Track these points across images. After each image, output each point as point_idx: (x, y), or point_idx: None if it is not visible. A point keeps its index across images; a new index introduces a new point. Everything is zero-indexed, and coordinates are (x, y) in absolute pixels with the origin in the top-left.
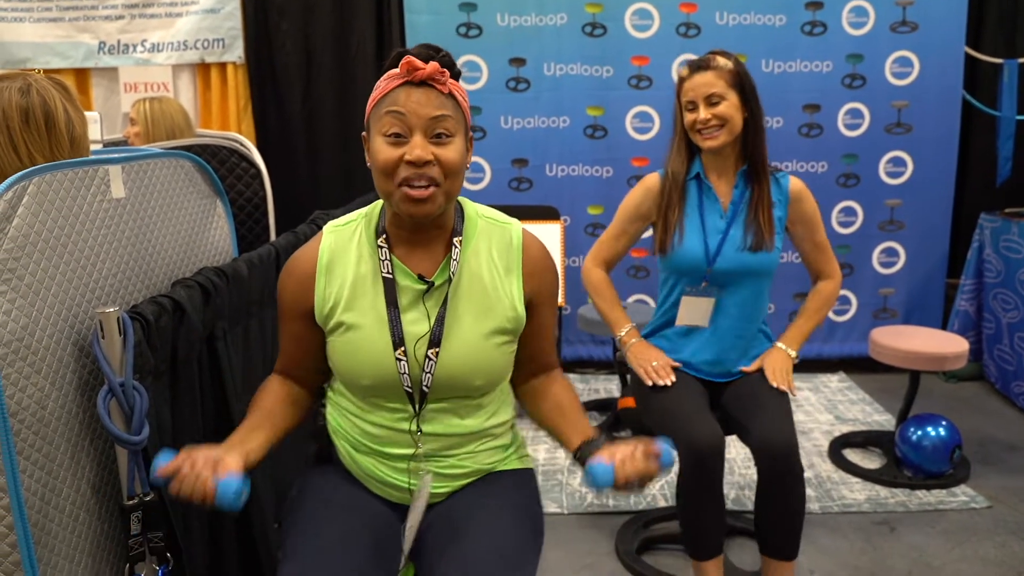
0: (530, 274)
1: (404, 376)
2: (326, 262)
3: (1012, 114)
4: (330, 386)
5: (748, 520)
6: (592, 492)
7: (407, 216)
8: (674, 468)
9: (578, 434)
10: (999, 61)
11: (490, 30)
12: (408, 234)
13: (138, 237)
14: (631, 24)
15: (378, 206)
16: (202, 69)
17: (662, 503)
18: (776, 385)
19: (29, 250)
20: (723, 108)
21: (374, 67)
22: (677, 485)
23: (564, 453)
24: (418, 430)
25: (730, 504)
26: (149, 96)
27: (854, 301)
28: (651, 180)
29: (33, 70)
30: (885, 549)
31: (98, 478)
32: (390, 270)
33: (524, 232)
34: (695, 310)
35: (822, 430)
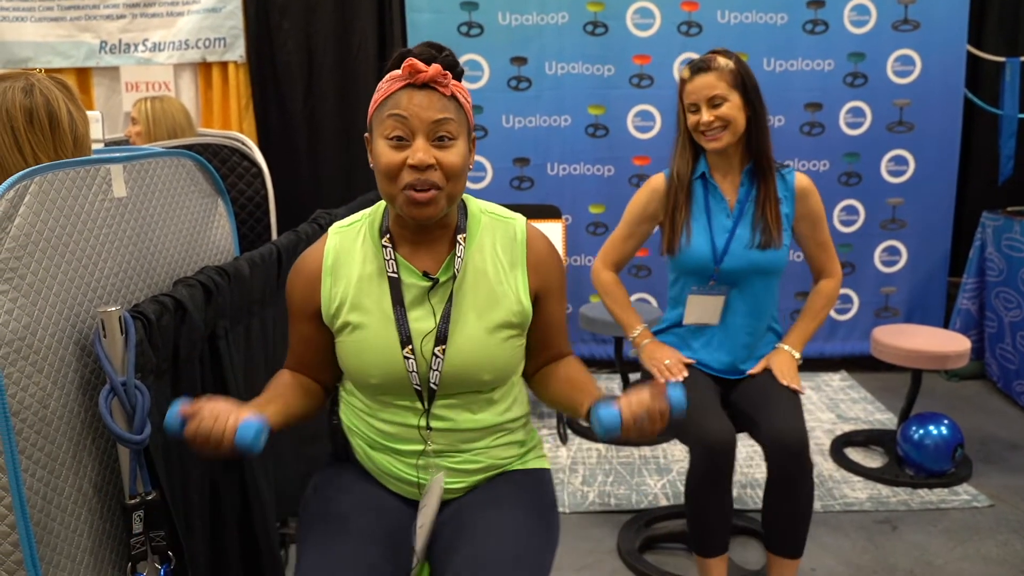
0: (535, 268)
1: (412, 374)
2: (331, 263)
3: (1014, 112)
4: (342, 386)
5: (750, 519)
6: (601, 439)
7: (410, 219)
8: (674, 468)
9: (590, 397)
10: (1001, 59)
11: (491, 29)
12: (412, 233)
13: (140, 236)
14: (632, 23)
15: (381, 206)
16: (203, 68)
17: (664, 502)
18: (787, 384)
19: (31, 249)
20: (725, 109)
21: (375, 66)
22: (686, 482)
23: (567, 452)
24: (427, 427)
25: (733, 503)
26: (150, 95)
27: (856, 300)
28: (656, 181)
29: (35, 70)
30: (887, 548)
31: (100, 477)
32: (395, 269)
33: (528, 226)
34: (703, 308)
35: (824, 429)
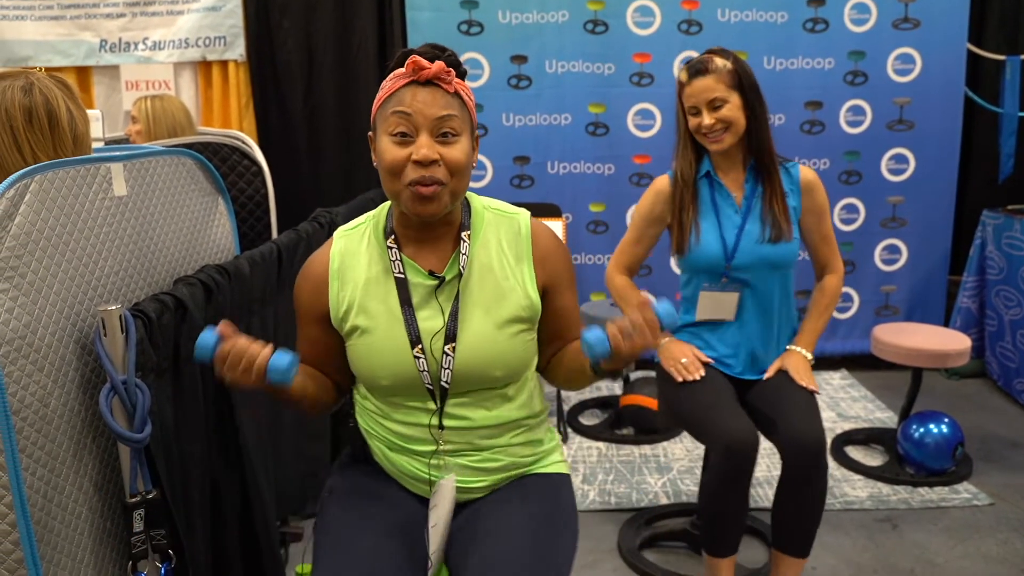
0: (541, 261)
1: (424, 373)
2: (337, 267)
3: (1014, 111)
4: (356, 390)
5: (752, 517)
6: (593, 360)
7: (414, 215)
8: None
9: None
10: (1001, 58)
11: (492, 27)
12: (416, 232)
13: (140, 235)
14: (633, 21)
15: (385, 208)
16: (203, 67)
17: (664, 500)
18: (804, 385)
19: (31, 248)
20: (726, 111)
21: (376, 65)
22: (705, 481)
23: (567, 451)
24: (439, 426)
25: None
26: (151, 94)
27: (856, 298)
28: (661, 183)
29: (35, 68)
30: (887, 546)
31: (100, 476)
32: (401, 270)
33: (532, 220)
34: (715, 304)
35: (824, 427)
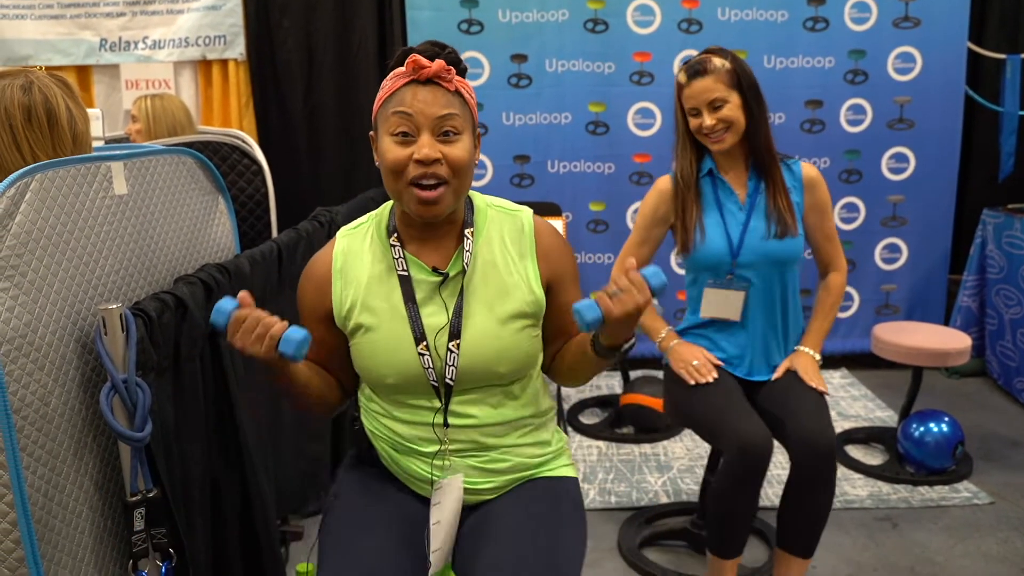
0: (545, 257)
1: (428, 370)
2: (340, 265)
3: (1015, 110)
4: (361, 392)
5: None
6: (587, 330)
7: (417, 217)
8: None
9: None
10: (1002, 57)
11: (492, 26)
12: (419, 231)
13: (140, 234)
14: (633, 20)
15: (387, 207)
16: (203, 66)
17: (664, 499)
18: (814, 386)
19: (32, 247)
20: (727, 111)
21: (376, 64)
22: (716, 482)
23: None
24: (444, 423)
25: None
26: (151, 93)
27: (856, 297)
28: (663, 183)
29: (35, 67)
30: (888, 545)
31: (101, 475)
32: (404, 267)
33: (535, 218)
34: (720, 301)
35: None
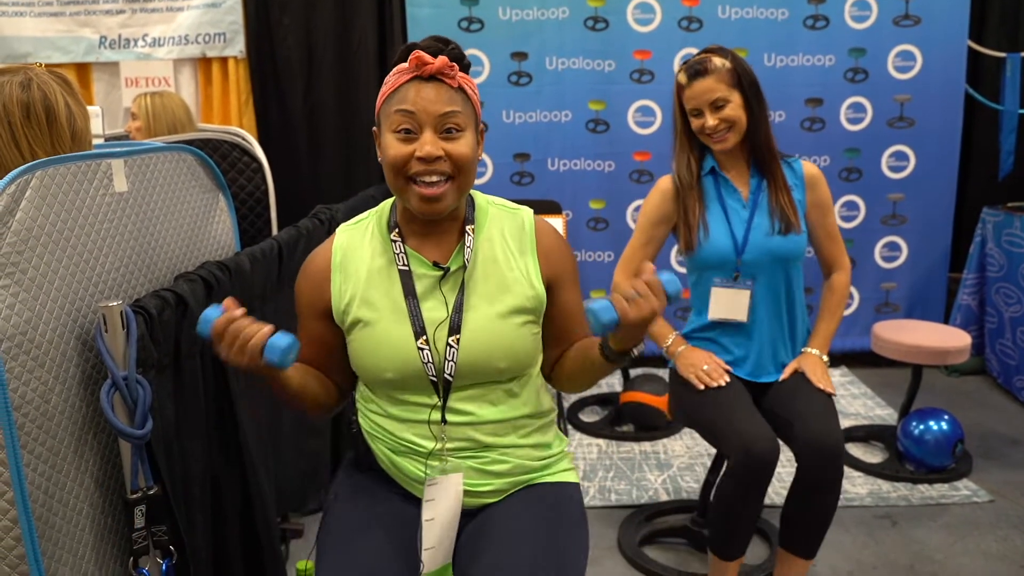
0: (545, 255)
1: (428, 365)
2: (340, 260)
3: (1015, 108)
4: (358, 392)
5: None
6: (600, 333)
7: (420, 214)
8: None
9: (597, 340)
10: (1002, 55)
11: (492, 24)
12: (420, 227)
13: (141, 231)
14: (633, 18)
15: (388, 203)
16: (203, 64)
17: (664, 497)
18: (822, 387)
19: (32, 244)
20: (729, 111)
21: (376, 62)
22: (720, 485)
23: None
24: (442, 420)
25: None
26: (150, 91)
27: (856, 295)
28: (665, 183)
29: (35, 64)
30: (887, 543)
31: (102, 472)
32: (405, 262)
33: (536, 217)
34: (728, 302)
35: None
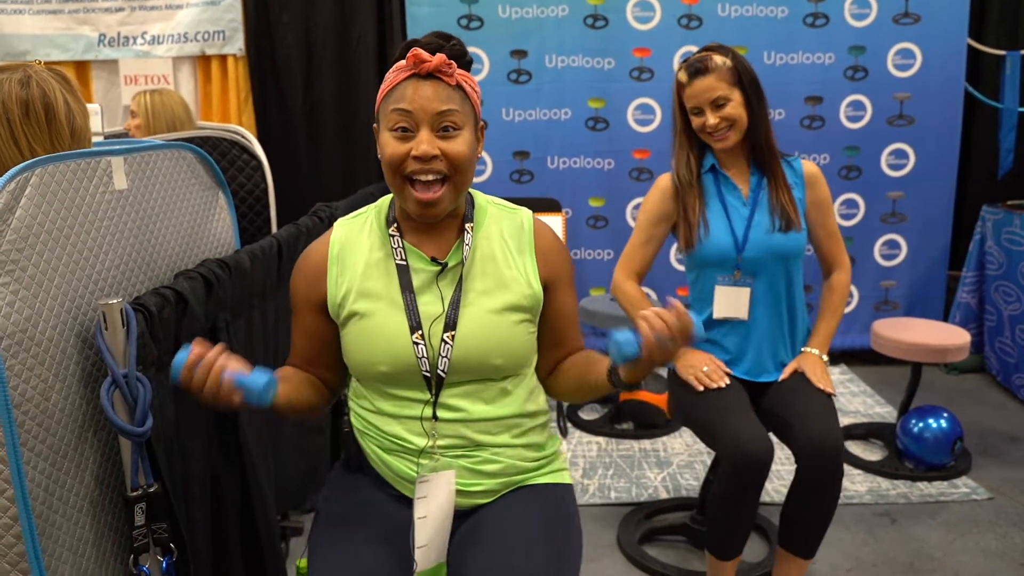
0: (543, 256)
1: (422, 360)
2: (337, 252)
3: (1014, 106)
4: (349, 389)
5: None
6: (618, 361)
7: (417, 217)
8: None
9: (606, 361)
10: (1002, 53)
11: (491, 22)
12: (419, 223)
13: (140, 228)
14: (632, 16)
15: (387, 199)
16: (202, 61)
17: (664, 495)
18: (822, 387)
19: (32, 241)
20: (730, 109)
21: (375, 60)
22: (716, 486)
23: (567, 446)
24: (433, 416)
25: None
26: (149, 88)
27: (856, 293)
28: (664, 181)
29: (34, 62)
30: (886, 541)
31: (102, 469)
32: (403, 257)
33: (535, 218)
34: (731, 300)
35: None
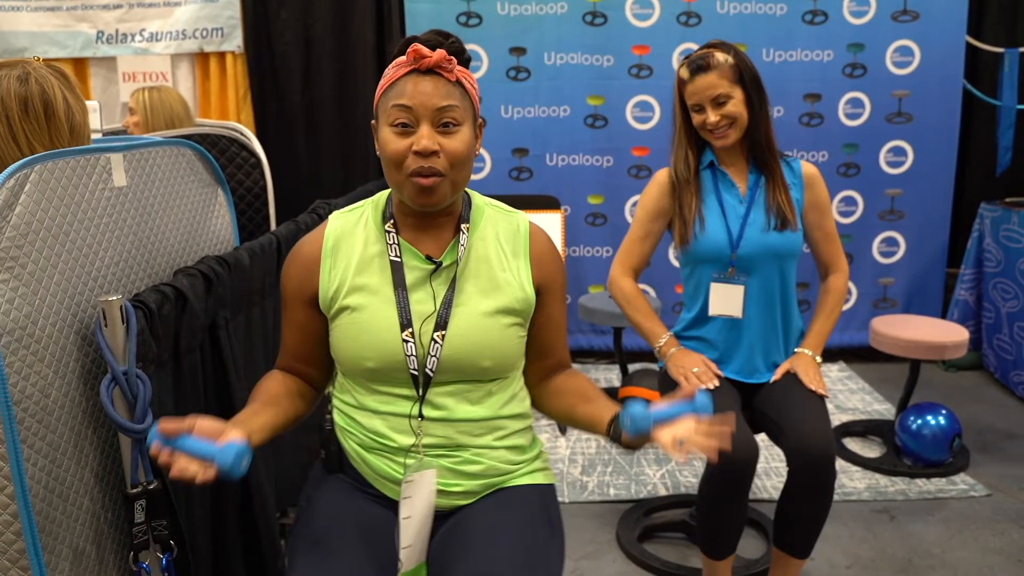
0: (538, 262)
1: (411, 358)
2: (331, 245)
3: (1012, 103)
4: (333, 385)
5: (751, 508)
6: (629, 432)
7: (416, 205)
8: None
9: (608, 411)
10: (1000, 50)
11: (490, 19)
12: (416, 220)
13: (140, 225)
14: (631, 13)
15: (384, 194)
16: (201, 59)
17: (663, 492)
18: (814, 388)
19: (31, 238)
20: (730, 107)
21: (374, 57)
22: (701, 488)
23: (566, 443)
24: (419, 415)
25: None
26: (148, 85)
27: (854, 291)
28: (662, 176)
29: (32, 58)
30: (885, 537)
31: (101, 467)
32: (398, 253)
33: (531, 223)
34: (726, 298)
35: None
